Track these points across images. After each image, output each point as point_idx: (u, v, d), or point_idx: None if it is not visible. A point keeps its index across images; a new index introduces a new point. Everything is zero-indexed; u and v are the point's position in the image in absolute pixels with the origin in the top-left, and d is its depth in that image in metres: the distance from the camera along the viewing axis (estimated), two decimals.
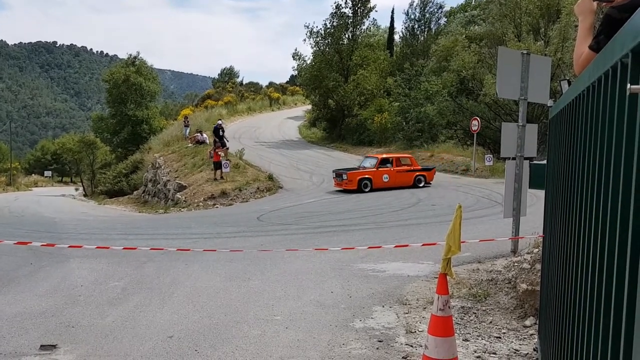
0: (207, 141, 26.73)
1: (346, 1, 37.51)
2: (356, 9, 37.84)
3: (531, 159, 7.73)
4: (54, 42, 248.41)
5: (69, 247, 8.61)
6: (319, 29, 37.28)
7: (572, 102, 2.61)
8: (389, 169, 19.02)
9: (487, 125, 24.77)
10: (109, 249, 8.47)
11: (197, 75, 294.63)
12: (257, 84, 68.60)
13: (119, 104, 40.04)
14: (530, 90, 7.22)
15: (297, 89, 54.10)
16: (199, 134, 28.13)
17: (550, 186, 3.85)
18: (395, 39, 45.88)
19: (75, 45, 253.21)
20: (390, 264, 7.72)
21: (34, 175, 63.95)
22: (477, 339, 4.77)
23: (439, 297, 3.48)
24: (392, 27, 46.40)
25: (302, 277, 7.07)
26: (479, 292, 5.97)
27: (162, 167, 26.21)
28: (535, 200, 10.74)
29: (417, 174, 19.18)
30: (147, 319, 5.37)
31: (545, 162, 4.48)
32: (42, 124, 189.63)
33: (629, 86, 1.25)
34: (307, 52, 64.97)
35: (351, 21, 37.77)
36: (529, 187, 7.39)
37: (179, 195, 21.43)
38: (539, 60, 7.61)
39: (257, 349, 4.54)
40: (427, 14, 41.41)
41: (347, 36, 37.84)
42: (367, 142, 33.36)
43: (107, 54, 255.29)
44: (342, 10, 37.49)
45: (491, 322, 5.20)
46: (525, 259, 5.81)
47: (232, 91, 57.45)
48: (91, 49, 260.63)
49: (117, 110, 40.17)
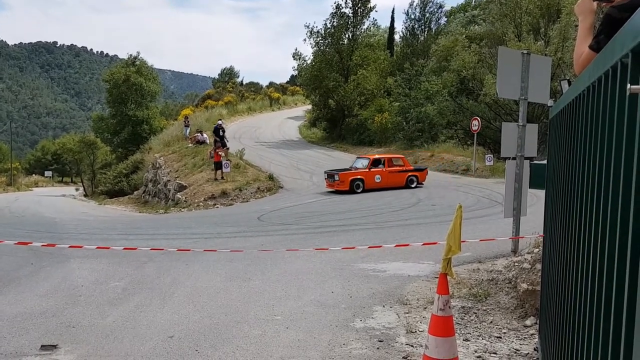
0: (208, 141, 26.74)
1: (346, 1, 37.56)
2: (356, 9, 37.85)
3: (531, 159, 7.73)
4: (54, 42, 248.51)
5: (70, 247, 8.62)
6: (319, 29, 37.34)
7: (572, 102, 2.62)
8: (381, 169, 18.92)
9: (487, 125, 24.77)
10: (109, 249, 8.48)
11: (198, 75, 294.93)
12: (258, 84, 68.67)
13: (119, 104, 40.06)
14: (530, 90, 7.22)
15: (298, 89, 54.10)
16: (199, 134, 28.15)
17: (550, 186, 3.85)
18: (395, 38, 45.87)
19: (75, 45, 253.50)
20: (390, 263, 7.72)
21: (34, 175, 64.01)
22: (478, 339, 4.77)
23: (439, 297, 3.49)
24: (392, 27, 46.40)
25: (303, 277, 7.07)
26: (480, 292, 5.98)
27: (163, 167, 26.21)
28: (535, 200, 10.74)
29: (410, 174, 19.08)
30: (148, 319, 5.38)
31: (545, 162, 4.48)
32: (42, 124, 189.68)
33: (629, 86, 1.25)
34: (308, 52, 65.01)
35: (351, 21, 37.78)
36: (529, 187, 7.39)
37: (179, 195, 21.44)
38: (539, 60, 7.61)
39: (258, 348, 4.54)
40: (427, 14, 41.39)
41: (347, 36, 37.85)
42: (367, 142, 33.35)
43: (107, 54, 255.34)
44: (342, 10, 37.53)
45: (492, 322, 5.20)
46: (525, 259, 5.81)
47: (233, 91, 57.49)
48: (91, 49, 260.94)
49: (118, 110, 40.19)
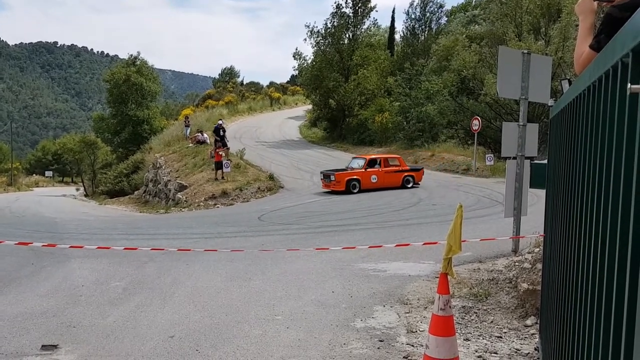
0: (208, 141, 26.75)
1: (347, 1, 37.55)
2: (357, 8, 37.84)
3: (532, 159, 7.72)
4: (55, 43, 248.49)
5: (70, 247, 8.62)
6: (320, 29, 37.34)
7: (572, 101, 2.61)
8: (377, 169, 18.79)
9: (487, 124, 24.74)
10: (110, 249, 8.48)
11: (198, 75, 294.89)
12: (258, 84, 68.70)
13: (119, 104, 40.07)
14: (531, 89, 7.22)
15: (298, 88, 54.09)
16: (199, 134, 28.15)
17: (551, 186, 3.85)
18: (395, 38, 45.86)
19: (76, 45, 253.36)
20: (391, 263, 7.72)
21: (34, 175, 64.05)
22: (478, 339, 4.77)
23: (440, 297, 3.49)
24: (392, 26, 46.38)
25: (303, 276, 7.07)
26: (480, 292, 5.97)
27: (163, 167, 26.22)
28: (536, 199, 10.73)
29: (406, 174, 18.97)
30: (148, 319, 5.38)
31: (546, 162, 4.48)
32: (43, 124, 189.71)
33: (629, 86, 1.25)
34: (308, 52, 65.03)
35: (352, 21, 37.77)
36: (530, 187, 7.38)
37: (179, 195, 21.44)
38: (540, 59, 7.61)
39: (258, 348, 4.54)
40: (427, 14, 41.38)
41: (347, 36, 37.84)
42: (368, 141, 33.34)
43: (107, 54, 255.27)
44: (342, 10, 37.53)
45: (492, 322, 5.20)
46: (526, 259, 5.81)
47: (233, 91, 57.51)
48: (92, 49, 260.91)
49: (118, 110, 40.19)
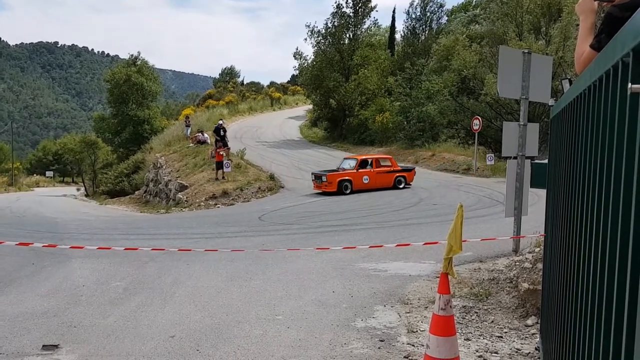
0: (209, 141, 26.75)
1: (347, 1, 37.56)
2: (357, 8, 37.84)
3: (532, 158, 7.72)
4: (55, 43, 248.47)
5: (71, 247, 8.63)
6: (320, 28, 37.35)
7: (573, 101, 2.61)
8: (369, 170, 18.62)
9: (488, 124, 24.74)
10: (110, 249, 8.48)
11: (198, 75, 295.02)
12: (258, 84, 68.75)
13: (120, 104, 40.10)
14: (531, 89, 7.22)
15: (298, 88, 54.11)
16: (200, 134, 28.16)
17: (551, 185, 3.85)
18: (396, 38, 45.88)
19: (76, 45, 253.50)
20: (391, 263, 7.72)
21: (35, 175, 64.11)
22: (479, 339, 4.77)
23: (440, 297, 3.48)
24: (393, 26, 46.40)
25: (304, 276, 7.07)
26: (481, 292, 5.97)
27: (164, 167, 26.23)
28: (536, 199, 10.72)
29: (397, 175, 18.83)
30: (149, 319, 5.38)
31: (546, 162, 4.47)
32: (43, 124, 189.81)
33: (630, 85, 1.25)
34: (308, 52, 65.03)
35: (352, 21, 37.77)
36: (531, 186, 7.36)
37: (180, 195, 21.45)
38: (540, 59, 7.61)
39: (259, 348, 4.54)
40: (428, 13, 41.39)
41: (348, 36, 37.84)
42: (368, 141, 33.34)
43: (108, 54, 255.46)
44: (343, 10, 37.54)
45: (493, 322, 5.20)
46: (526, 258, 5.81)
47: (234, 91, 57.55)
48: (92, 49, 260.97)
49: (119, 110, 40.22)
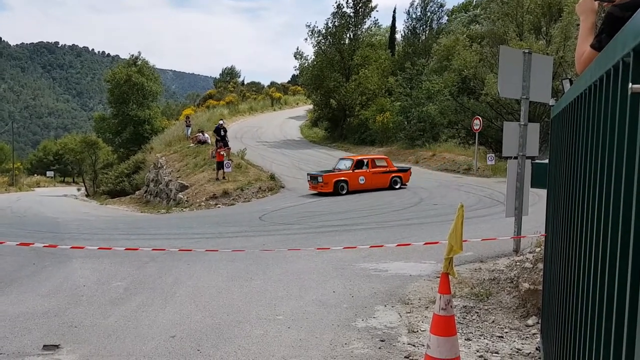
0: (209, 141, 26.76)
1: (347, 1, 37.55)
2: (357, 8, 37.83)
3: (533, 158, 7.72)
4: (56, 43, 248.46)
5: (71, 247, 8.63)
6: (320, 28, 37.34)
7: (573, 101, 2.61)
8: (364, 171, 18.54)
9: (488, 124, 24.73)
10: (111, 249, 8.48)
11: (199, 75, 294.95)
12: (259, 84, 68.71)
13: (120, 104, 40.11)
14: (532, 89, 7.22)
15: (299, 88, 54.10)
16: (200, 134, 28.17)
17: (552, 185, 3.85)
18: (396, 38, 45.85)
19: (77, 45, 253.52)
20: (392, 263, 7.72)
21: (36, 175, 64.19)
22: (480, 339, 4.77)
23: (441, 297, 3.48)
24: (393, 26, 46.38)
25: (304, 276, 7.07)
26: (481, 292, 5.97)
27: (164, 167, 26.24)
28: (537, 199, 10.72)
29: (393, 175, 18.75)
30: (150, 319, 5.38)
31: (547, 161, 4.47)
32: (44, 124, 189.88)
33: (630, 85, 1.25)
34: (309, 52, 64.97)
35: (353, 21, 37.76)
36: (531, 186, 7.36)
37: (180, 195, 21.45)
38: (541, 59, 7.60)
39: (260, 348, 4.54)
40: (428, 13, 41.36)
41: (348, 36, 37.83)
42: (369, 141, 33.33)
43: (108, 54, 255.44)
44: (343, 10, 37.53)
45: (493, 322, 5.20)
46: (527, 258, 5.81)
47: (234, 91, 57.54)
48: (93, 50, 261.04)
49: (119, 110, 40.23)
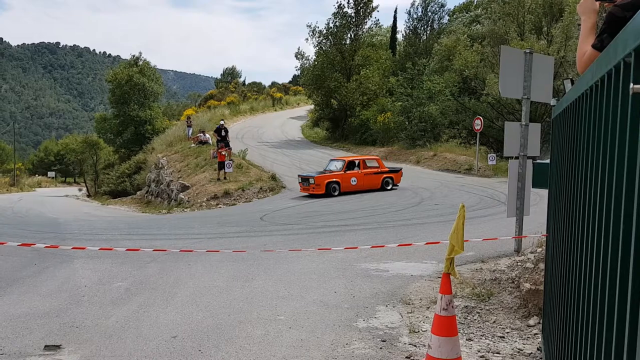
0: (210, 141, 26.77)
1: (349, 1, 37.54)
2: (358, 8, 37.82)
3: (534, 158, 7.72)
4: (57, 43, 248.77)
5: (73, 248, 8.64)
6: (321, 29, 37.34)
7: (575, 101, 2.61)
8: (356, 172, 18.41)
9: (490, 124, 24.72)
10: (112, 250, 8.49)
11: (200, 75, 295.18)
12: (260, 84, 68.61)
13: (122, 104, 40.13)
14: (533, 89, 7.21)
15: (300, 88, 54.09)
16: (201, 134, 28.18)
17: (553, 185, 3.85)
18: (397, 38, 45.84)
19: (78, 46, 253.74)
20: (393, 263, 7.72)
21: (37, 175, 64.21)
22: (481, 339, 4.77)
23: (442, 297, 3.48)
24: (394, 26, 46.38)
25: (305, 277, 7.07)
26: (483, 292, 5.97)
27: (165, 168, 26.25)
28: (538, 199, 10.71)
29: (385, 176, 18.67)
30: (151, 319, 5.39)
31: (548, 161, 4.47)
32: (45, 124, 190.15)
33: (631, 85, 1.25)
34: (310, 52, 65.03)
35: (354, 21, 37.75)
36: (532, 186, 7.38)
37: (182, 195, 21.46)
38: (542, 59, 7.60)
39: (261, 348, 4.54)
40: (429, 13, 41.36)
41: (349, 36, 37.83)
42: (370, 141, 33.32)
43: (109, 54, 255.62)
44: (344, 10, 37.52)
45: (495, 322, 5.19)
46: (528, 259, 5.81)
47: (235, 91, 57.51)
48: (94, 50, 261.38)
49: (120, 110, 40.25)
